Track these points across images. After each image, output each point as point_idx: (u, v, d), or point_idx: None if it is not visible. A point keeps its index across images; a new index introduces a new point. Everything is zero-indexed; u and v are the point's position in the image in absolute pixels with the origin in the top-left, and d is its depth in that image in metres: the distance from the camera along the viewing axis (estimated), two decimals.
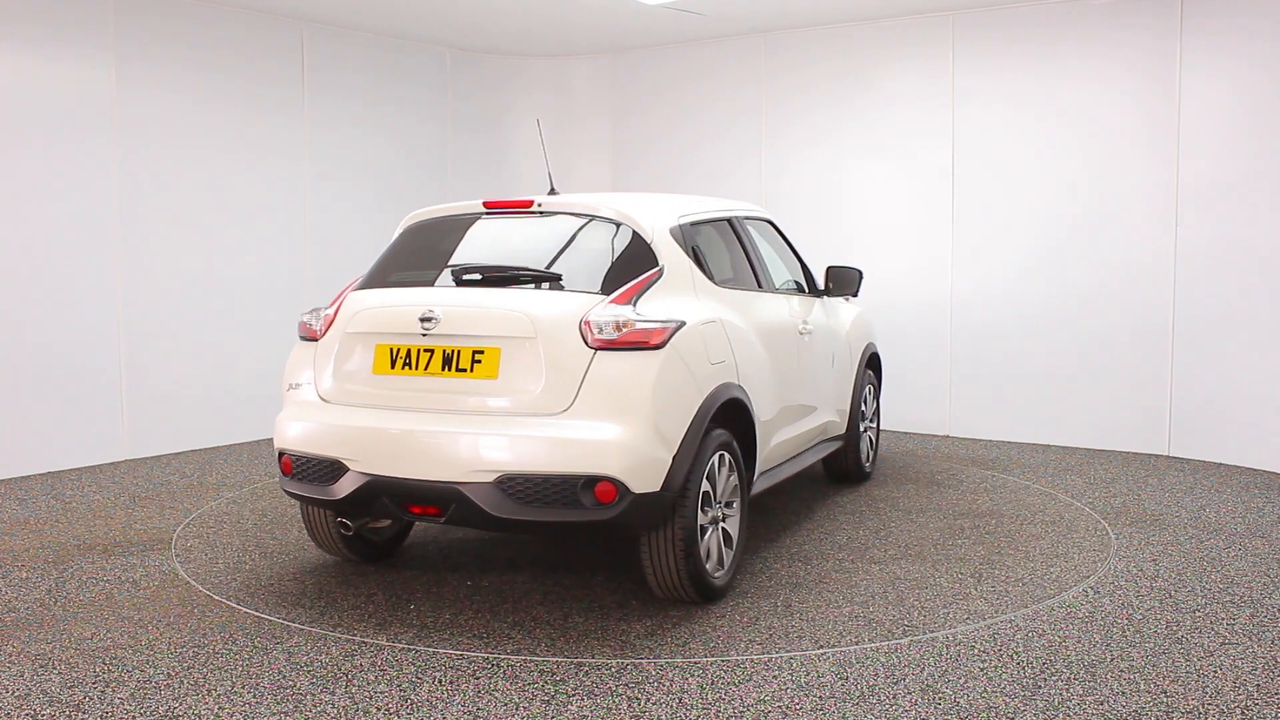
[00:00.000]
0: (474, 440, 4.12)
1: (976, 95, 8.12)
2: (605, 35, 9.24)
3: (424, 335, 4.32)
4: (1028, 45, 7.89)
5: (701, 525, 4.40)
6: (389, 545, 5.25)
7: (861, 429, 6.69)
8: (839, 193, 8.77)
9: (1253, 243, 7.07)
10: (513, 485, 4.08)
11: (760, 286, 5.47)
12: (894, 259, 8.48)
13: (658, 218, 4.73)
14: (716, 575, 4.51)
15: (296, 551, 5.36)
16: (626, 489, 4.04)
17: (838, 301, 6.57)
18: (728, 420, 4.67)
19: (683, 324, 4.34)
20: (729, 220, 5.53)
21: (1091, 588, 4.75)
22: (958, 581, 4.76)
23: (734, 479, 4.65)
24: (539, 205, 4.74)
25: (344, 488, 4.33)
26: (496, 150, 9.97)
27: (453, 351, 4.28)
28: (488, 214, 4.84)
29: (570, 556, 5.23)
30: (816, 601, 4.54)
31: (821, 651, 4.02)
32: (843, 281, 6.29)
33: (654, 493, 4.12)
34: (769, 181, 9.08)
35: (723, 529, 4.60)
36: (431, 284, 4.61)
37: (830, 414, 6.17)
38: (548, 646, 4.07)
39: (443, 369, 4.28)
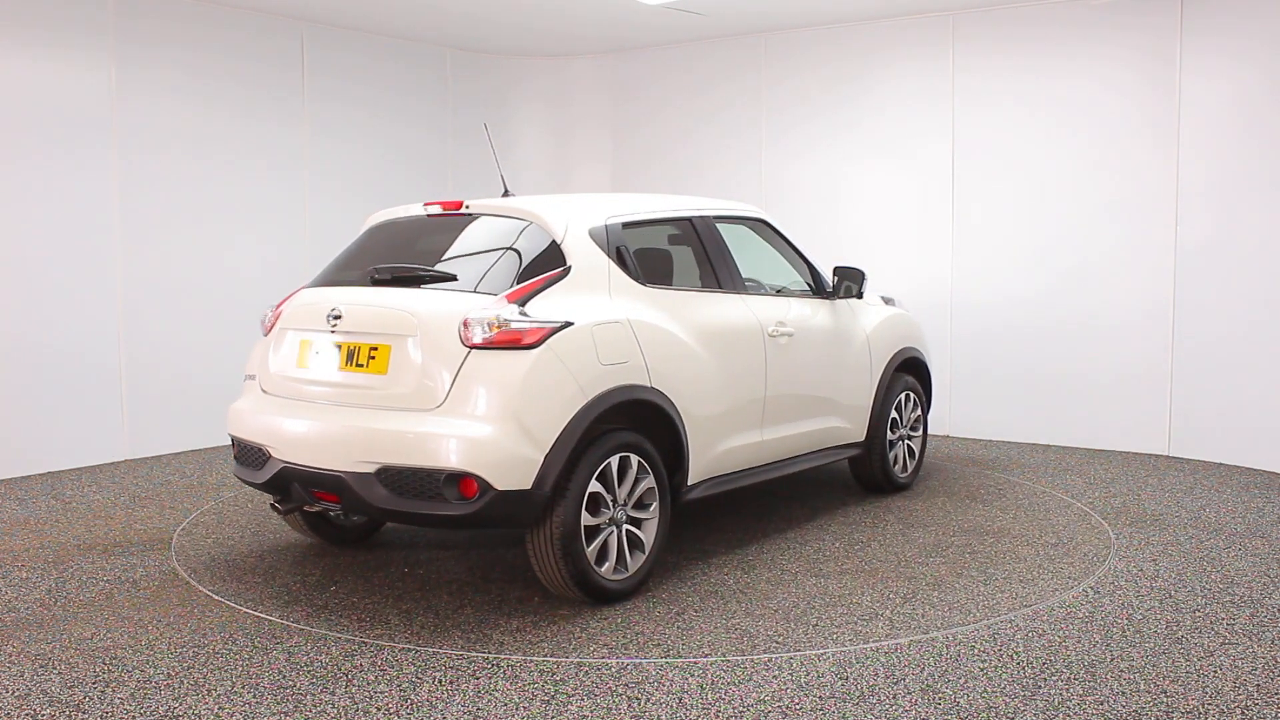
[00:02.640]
0: (359, 432, 4.34)
1: (976, 95, 8.12)
2: (605, 35, 9.24)
3: (332, 332, 4.59)
4: (1028, 45, 7.89)
5: (593, 526, 4.43)
6: (361, 531, 5.48)
7: (893, 437, 6.42)
8: (839, 192, 8.77)
9: (1253, 243, 7.07)
10: (389, 477, 4.26)
11: (721, 287, 5.35)
12: (894, 259, 8.48)
13: (575, 218, 4.77)
14: (614, 577, 4.52)
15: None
16: (489, 485, 4.14)
17: (860, 303, 6.33)
18: (641, 422, 4.72)
19: (567, 324, 4.39)
20: (690, 220, 5.45)
21: (1091, 588, 4.75)
22: (882, 601, 4.56)
23: (649, 481, 4.65)
24: (467, 207, 4.92)
25: (266, 473, 4.64)
26: (497, 147, 9.94)
27: (355, 348, 4.53)
28: (428, 215, 5.02)
29: None
30: (715, 612, 4.45)
31: (821, 651, 4.03)
32: (844, 282, 6.13)
33: (522, 490, 4.19)
34: (769, 181, 9.08)
35: (629, 531, 4.60)
36: (352, 283, 4.82)
37: (837, 420, 6.00)
38: (409, 635, 4.10)
39: (346, 363, 4.53)
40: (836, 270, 6.16)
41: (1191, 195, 7.34)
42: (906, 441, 6.59)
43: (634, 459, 4.57)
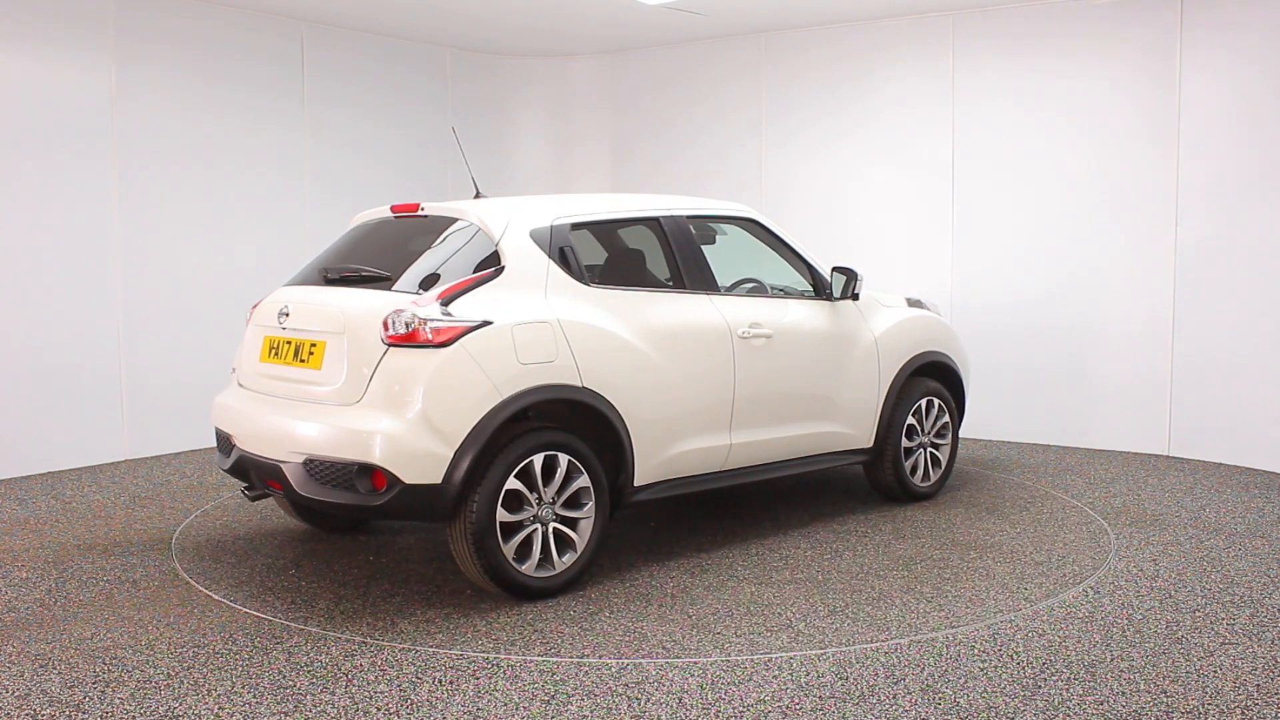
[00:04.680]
0: (292, 424, 4.58)
1: (977, 95, 8.11)
2: (605, 35, 9.24)
3: (283, 329, 4.83)
4: (1028, 45, 7.89)
5: (513, 522, 4.52)
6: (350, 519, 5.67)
7: (911, 444, 6.18)
8: (838, 192, 8.76)
9: (1253, 242, 7.07)
10: (314, 467, 4.49)
11: (687, 287, 5.30)
12: (894, 259, 8.48)
13: (515, 220, 4.87)
14: (537, 574, 4.58)
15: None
16: (396, 479, 4.30)
17: (870, 305, 6.11)
18: (574, 421, 4.79)
19: (485, 324, 4.49)
20: (658, 220, 5.40)
21: (1091, 588, 4.75)
22: (802, 614, 4.41)
23: (582, 480, 4.68)
24: (423, 210, 5.11)
25: (231, 460, 4.95)
26: (497, 148, 9.96)
27: (299, 344, 4.76)
28: (394, 217, 5.23)
29: None
30: (627, 614, 4.44)
31: (821, 651, 4.03)
32: (840, 283, 5.93)
33: (431, 485, 4.33)
34: (769, 181, 9.08)
35: (560, 530, 4.65)
36: (309, 282, 5.05)
37: (836, 425, 5.84)
38: (323, 619, 4.13)
39: (293, 359, 4.78)
40: (833, 271, 5.97)
41: (1191, 195, 7.34)
42: (930, 449, 6.32)
43: (562, 458, 4.62)
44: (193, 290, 7.80)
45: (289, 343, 4.79)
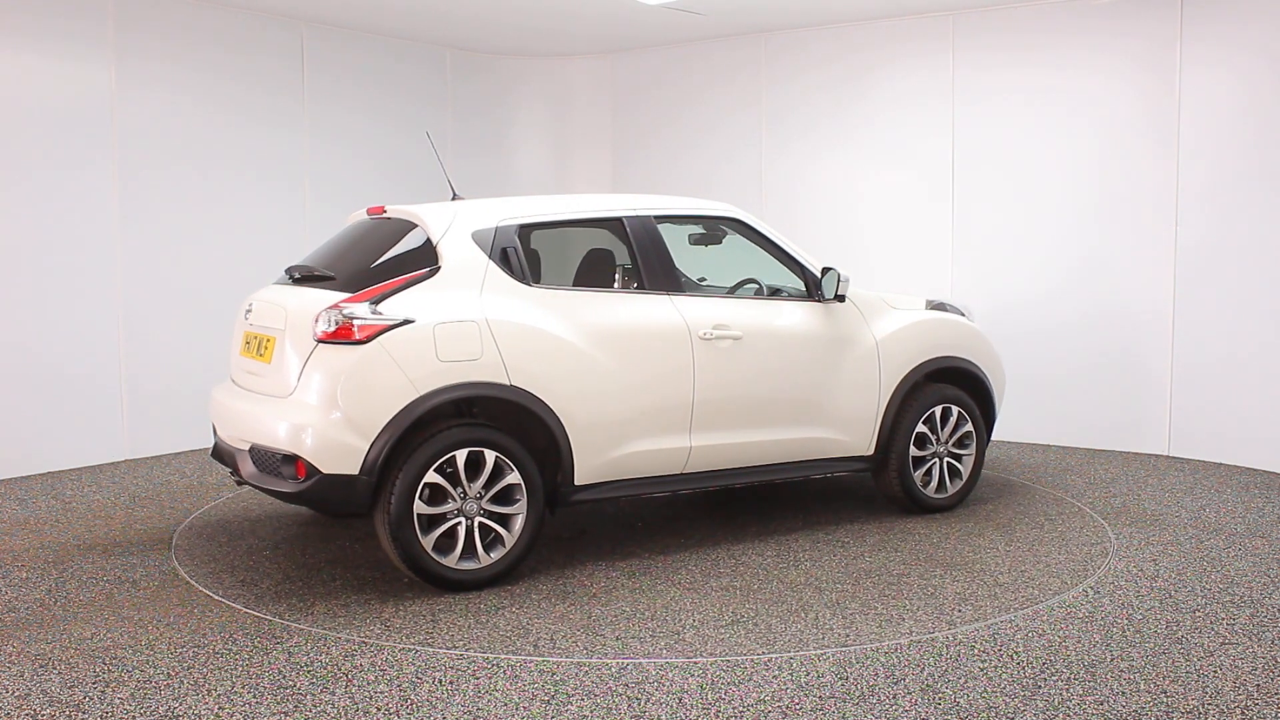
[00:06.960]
0: (241, 414, 4.93)
1: (977, 95, 8.11)
2: (605, 35, 9.24)
3: (250, 325, 5.14)
4: (1028, 43, 7.88)
5: (435, 515, 4.64)
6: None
7: (922, 453, 5.92)
8: (838, 192, 8.76)
9: (1253, 242, 7.06)
10: (254, 454, 4.81)
11: (646, 287, 5.26)
12: (893, 259, 8.47)
13: (458, 221, 5.00)
14: (460, 566, 4.70)
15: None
16: (315, 468, 4.52)
17: (872, 306, 5.89)
18: (506, 419, 4.90)
19: (406, 322, 4.63)
20: (622, 220, 5.35)
21: (1091, 588, 4.75)
22: (701, 624, 4.32)
23: (514, 477, 4.76)
24: (386, 212, 5.34)
25: (213, 446, 5.36)
26: (496, 148, 9.96)
27: (260, 339, 5.02)
28: (370, 219, 5.45)
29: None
30: (528, 610, 4.47)
31: (822, 652, 4.03)
32: (826, 283, 5.74)
33: (349, 475, 4.53)
34: (769, 181, 9.08)
35: (487, 525, 4.74)
36: (281, 281, 5.31)
37: (828, 430, 5.65)
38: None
39: (255, 353, 5.05)
40: (822, 272, 5.76)
41: (1191, 194, 7.33)
42: (948, 460, 6.03)
43: (489, 454, 4.70)
44: (193, 290, 7.80)
45: (255, 338, 5.05)
